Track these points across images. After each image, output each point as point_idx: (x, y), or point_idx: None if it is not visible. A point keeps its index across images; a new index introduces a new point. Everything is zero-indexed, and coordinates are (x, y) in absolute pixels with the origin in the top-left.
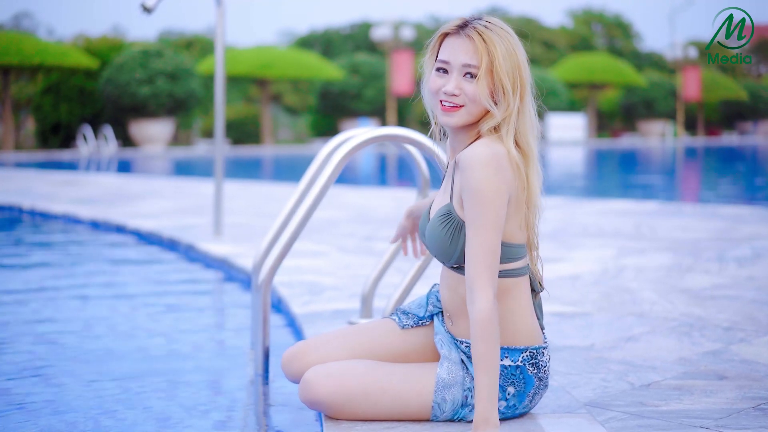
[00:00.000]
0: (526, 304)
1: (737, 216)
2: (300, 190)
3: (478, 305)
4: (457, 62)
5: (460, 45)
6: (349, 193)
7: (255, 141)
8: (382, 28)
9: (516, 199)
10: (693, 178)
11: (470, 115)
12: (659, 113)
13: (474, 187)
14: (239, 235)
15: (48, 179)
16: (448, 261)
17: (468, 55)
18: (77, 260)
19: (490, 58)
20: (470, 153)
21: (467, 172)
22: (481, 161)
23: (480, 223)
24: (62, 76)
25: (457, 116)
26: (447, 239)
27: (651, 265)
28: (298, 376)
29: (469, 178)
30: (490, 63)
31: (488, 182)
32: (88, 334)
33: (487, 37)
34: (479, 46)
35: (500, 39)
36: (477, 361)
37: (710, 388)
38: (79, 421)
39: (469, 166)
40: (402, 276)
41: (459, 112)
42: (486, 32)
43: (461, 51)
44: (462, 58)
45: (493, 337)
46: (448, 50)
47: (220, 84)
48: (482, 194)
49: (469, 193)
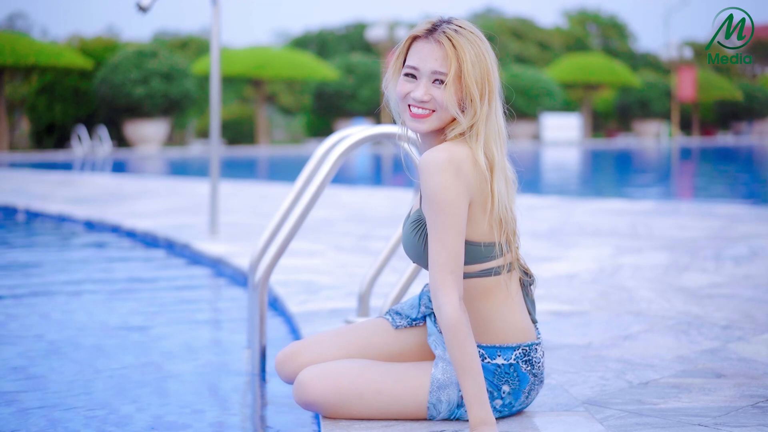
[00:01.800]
0: (513, 302)
1: (733, 215)
2: (297, 188)
3: (444, 311)
4: (426, 69)
5: (430, 51)
6: (345, 193)
7: (250, 141)
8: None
9: (482, 199)
10: (688, 177)
11: (440, 120)
12: (654, 113)
13: (432, 192)
14: (235, 235)
15: (43, 179)
16: (424, 266)
17: (438, 61)
18: (72, 259)
19: (459, 65)
20: (428, 157)
21: (425, 177)
22: (439, 166)
23: (439, 228)
24: (57, 77)
25: (428, 122)
26: (420, 245)
27: (648, 263)
28: (291, 377)
29: (427, 183)
30: (459, 69)
31: (446, 187)
32: (82, 332)
33: (457, 42)
34: (449, 52)
35: (470, 44)
36: (457, 367)
37: (708, 386)
38: (73, 420)
39: (426, 170)
40: (399, 275)
41: (430, 118)
42: (456, 37)
43: (431, 57)
44: (431, 65)
45: (466, 341)
46: (417, 56)
47: (215, 84)
48: (440, 199)
49: (427, 198)
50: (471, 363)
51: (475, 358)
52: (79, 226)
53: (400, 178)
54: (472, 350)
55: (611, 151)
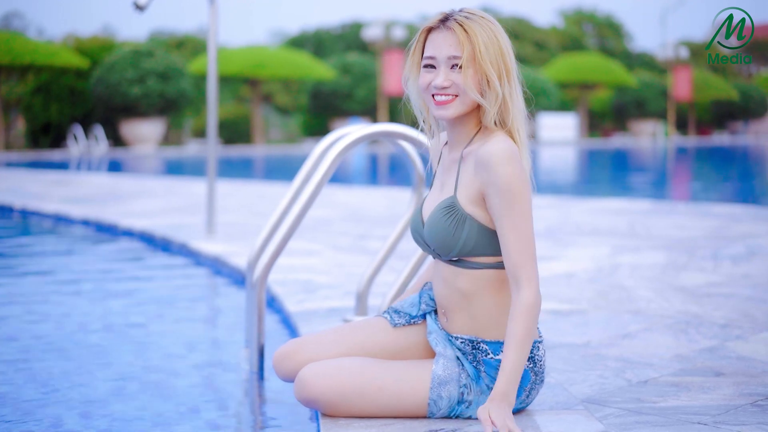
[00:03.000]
0: None
1: (731, 214)
2: (294, 188)
3: (525, 293)
4: (442, 55)
5: (444, 38)
6: (343, 192)
7: (246, 141)
8: (373, 28)
9: None
10: (685, 177)
11: (464, 105)
12: (650, 113)
13: (504, 182)
14: (232, 234)
15: (39, 179)
16: (449, 254)
17: (452, 47)
18: (68, 259)
19: (472, 47)
20: (492, 150)
21: (494, 169)
22: (510, 156)
23: (516, 215)
24: (52, 76)
25: (452, 108)
26: (450, 231)
27: (646, 263)
28: (289, 375)
29: (498, 174)
30: (473, 51)
31: (517, 176)
32: (80, 331)
33: (468, 26)
34: (460, 37)
35: (481, 27)
36: (511, 340)
37: (707, 385)
38: (71, 419)
39: (494, 162)
40: (396, 274)
41: (453, 103)
42: (466, 22)
43: (445, 44)
44: (446, 51)
45: (534, 322)
46: (433, 45)
47: (212, 83)
48: (515, 188)
49: (498, 188)
50: (527, 341)
51: (531, 340)
52: (76, 226)
53: (397, 177)
54: (534, 333)
55: (607, 151)
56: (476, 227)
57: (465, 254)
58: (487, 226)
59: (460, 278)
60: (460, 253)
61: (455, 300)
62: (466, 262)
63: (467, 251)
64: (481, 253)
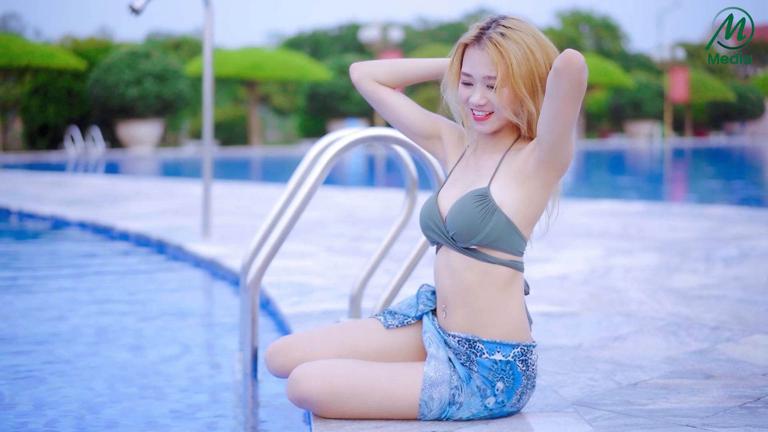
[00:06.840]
0: (519, 299)
1: (724, 216)
2: (289, 190)
3: (579, 58)
4: (478, 75)
5: (479, 58)
6: (338, 194)
7: (243, 142)
8: (370, 29)
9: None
10: (680, 179)
11: (500, 120)
12: (647, 114)
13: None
14: (227, 236)
15: (35, 180)
16: (469, 240)
17: (487, 67)
18: (64, 261)
19: (506, 67)
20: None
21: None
22: None
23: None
24: (50, 78)
25: (489, 124)
26: (478, 218)
27: (638, 265)
28: (280, 370)
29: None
30: (507, 72)
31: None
32: (74, 334)
33: (502, 47)
34: (495, 57)
35: (516, 45)
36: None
37: (697, 387)
38: (65, 422)
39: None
40: (390, 277)
41: (490, 119)
42: (501, 42)
43: (480, 63)
44: (481, 71)
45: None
46: (469, 63)
47: (208, 85)
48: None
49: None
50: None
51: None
52: (72, 228)
53: (392, 179)
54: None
55: (604, 152)
56: (504, 220)
57: (485, 244)
58: (512, 220)
59: (470, 270)
60: (481, 242)
61: (459, 293)
62: (482, 254)
63: (488, 242)
64: (499, 247)
